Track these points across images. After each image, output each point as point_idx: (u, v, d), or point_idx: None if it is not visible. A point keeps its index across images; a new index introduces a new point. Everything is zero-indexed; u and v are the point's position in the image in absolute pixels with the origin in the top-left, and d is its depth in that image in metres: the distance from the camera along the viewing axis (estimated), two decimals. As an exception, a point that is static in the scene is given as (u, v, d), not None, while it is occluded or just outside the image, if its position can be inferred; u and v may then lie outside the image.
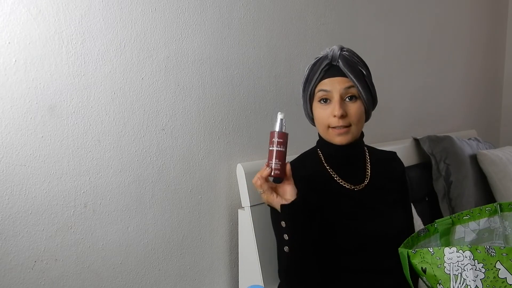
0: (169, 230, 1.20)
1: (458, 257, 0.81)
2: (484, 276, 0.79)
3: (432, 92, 2.21)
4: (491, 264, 0.79)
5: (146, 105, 1.13)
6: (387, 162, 1.15)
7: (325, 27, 1.59)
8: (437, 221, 1.00)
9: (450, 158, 1.84)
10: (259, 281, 1.20)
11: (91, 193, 1.05)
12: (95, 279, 1.07)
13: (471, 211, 1.02)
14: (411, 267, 0.87)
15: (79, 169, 1.03)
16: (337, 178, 1.06)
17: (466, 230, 1.02)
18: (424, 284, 0.90)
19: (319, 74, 1.01)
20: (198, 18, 1.22)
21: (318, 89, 1.02)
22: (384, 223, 1.03)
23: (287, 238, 0.95)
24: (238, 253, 1.32)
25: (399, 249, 0.90)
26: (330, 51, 1.01)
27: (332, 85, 1.00)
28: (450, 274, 0.81)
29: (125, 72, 1.09)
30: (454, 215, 1.02)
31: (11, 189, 0.94)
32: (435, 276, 0.83)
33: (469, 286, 0.79)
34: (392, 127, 1.96)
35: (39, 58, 0.95)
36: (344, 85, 0.99)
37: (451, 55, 2.33)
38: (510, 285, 0.78)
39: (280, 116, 0.91)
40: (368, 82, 1.02)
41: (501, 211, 1.02)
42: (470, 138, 2.13)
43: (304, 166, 1.08)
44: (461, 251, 0.80)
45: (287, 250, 0.95)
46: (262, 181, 0.91)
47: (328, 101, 1.01)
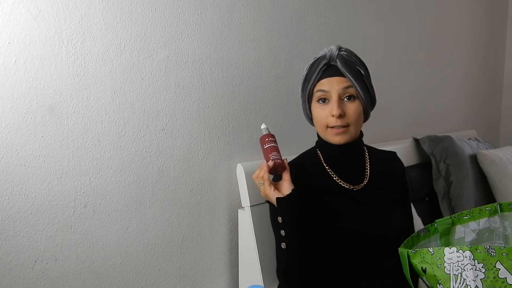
0: (169, 230, 1.20)
1: (458, 257, 0.81)
2: (484, 276, 0.79)
3: (432, 92, 2.21)
4: (491, 264, 0.79)
5: (146, 105, 1.13)
6: (387, 162, 1.15)
7: (325, 27, 1.59)
8: (437, 221, 1.00)
9: (450, 158, 1.84)
10: (259, 281, 1.20)
11: (91, 193, 1.05)
12: (95, 279, 1.07)
13: (471, 211, 1.02)
14: (411, 267, 0.87)
15: (79, 169, 1.03)
16: (336, 178, 1.06)
17: (466, 230, 1.02)
18: (424, 284, 0.90)
19: (317, 74, 1.01)
20: (198, 18, 1.22)
21: (317, 89, 1.02)
22: (384, 223, 1.03)
23: (284, 234, 0.96)
24: (238, 253, 1.32)
25: (399, 249, 0.90)
26: (328, 51, 1.01)
27: (330, 85, 1.00)
28: (450, 274, 0.81)
29: (125, 72, 1.09)
30: (454, 215, 1.02)
31: (11, 189, 0.94)
32: (435, 276, 0.83)
33: (469, 286, 0.79)
34: (392, 127, 1.96)
35: (39, 58, 0.95)
36: (342, 85, 0.99)
37: (451, 55, 2.33)
38: (510, 285, 0.78)
39: (262, 126, 1.05)
40: (366, 81, 1.02)
41: (501, 211, 1.02)
42: (470, 138, 2.13)
43: (303, 166, 1.08)
44: (461, 251, 0.80)
45: (284, 246, 0.96)
46: (266, 170, 0.97)
47: (326, 101, 1.01)
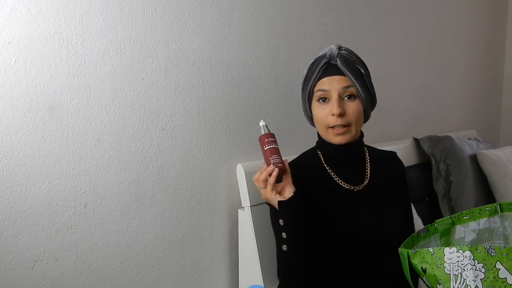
0: (169, 230, 1.20)
1: (458, 257, 0.81)
2: (484, 276, 0.79)
3: (432, 92, 2.21)
4: (491, 264, 0.79)
5: (146, 105, 1.13)
6: (387, 162, 1.15)
7: (325, 27, 1.59)
8: (437, 221, 1.00)
9: (450, 158, 1.84)
10: (259, 281, 1.20)
11: (91, 193, 1.05)
12: (95, 279, 1.07)
13: (471, 211, 1.02)
14: (411, 267, 0.87)
15: (79, 169, 1.03)
16: (336, 178, 1.06)
17: (466, 230, 1.02)
18: (424, 284, 0.90)
19: (318, 73, 1.01)
20: (198, 18, 1.22)
21: (317, 88, 1.02)
22: (384, 223, 1.03)
23: (285, 236, 0.95)
24: (238, 253, 1.32)
25: (399, 249, 0.90)
26: (328, 50, 1.01)
27: (330, 84, 1.00)
28: (450, 274, 0.81)
29: (125, 72, 1.09)
30: (454, 215, 1.02)
31: (11, 189, 0.94)
32: (435, 276, 0.83)
33: (469, 286, 0.79)
34: (392, 127, 1.96)
35: (39, 58, 0.95)
36: (342, 84, 0.99)
37: (451, 55, 2.33)
38: (510, 285, 0.78)
39: (261, 123, 1.02)
40: (366, 81, 1.02)
41: (501, 211, 1.02)
42: (470, 138, 2.13)
43: (303, 167, 1.08)
44: (461, 251, 0.80)
45: (285, 248, 0.96)
46: (265, 175, 0.96)
47: (326, 100, 1.01)
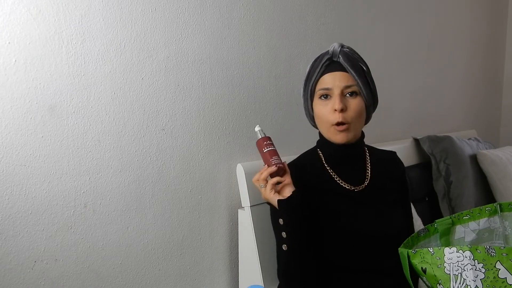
0: (169, 230, 1.20)
1: (458, 257, 0.81)
2: (484, 276, 0.79)
3: (432, 92, 2.21)
4: (491, 264, 0.79)
5: (146, 105, 1.13)
6: (388, 162, 1.15)
7: (325, 27, 1.59)
8: (437, 221, 1.00)
9: (450, 158, 1.84)
10: (259, 281, 1.20)
11: (91, 193, 1.05)
12: (95, 279, 1.07)
13: (471, 211, 1.02)
14: (411, 267, 0.87)
15: (79, 169, 1.03)
16: (337, 178, 1.06)
17: (466, 230, 1.02)
18: (424, 284, 0.90)
19: (320, 69, 1.01)
20: (198, 18, 1.22)
21: (319, 87, 1.02)
22: (384, 223, 1.03)
23: (285, 235, 0.96)
24: (238, 253, 1.32)
25: (399, 249, 0.90)
26: (331, 48, 1.02)
27: (333, 82, 1.00)
28: (450, 274, 0.81)
29: (125, 72, 1.09)
30: (454, 215, 1.02)
31: (11, 189, 0.94)
32: (435, 276, 0.83)
33: (469, 286, 0.79)
34: (392, 127, 1.96)
35: (39, 58, 0.95)
36: (344, 82, 0.99)
37: (451, 55, 2.33)
38: (510, 285, 0.78)
39: (257, 128, 1.05)
40: (368, 78, 1.02)
41: (501, 211, 1.02)
42: (470, 138, 2.13)
43: (303, 167, 1.08)
44: (461, 251, 0.80)
45: (285, 248, 0.96)
46: (266, 174, 0.97)
47: (328, 97, 1.01)
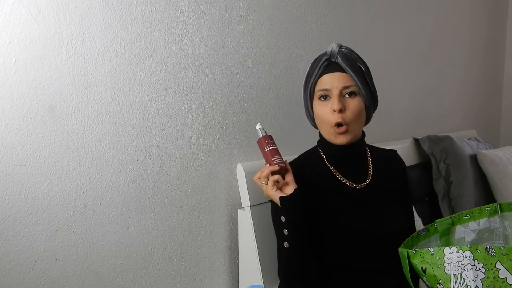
0: (169, 230, 1.20)
1: (458, 257, 0.81)
2: (484, 276, 0.79)
3: (432, 92, 2.21)
4: (491, 264, 0.79)
5: (146, 105, 1.13)
6: (389, 160, 1.15)
7: (325, 27, 1.59)
8: (437, 221, 1.00)
9: (450, 158, 1.84)
10: (259, 281, 1.20)
11: (91, 193, 1.05)
12: (95, 279, 1.07)
13: (471, 211, 1.02)
14: (411, 267, 0.87)
15: (79, 169, 1.03)
16: (339, 176, 1.06)
17: (466, 230, 1.02)
18: (424, 284, 0.90)
19: (319, 70, 1.02)
20: (198, 18, 1.22)
21: (318, 88, 1.02)
22: (385, 223, 1.03)
23: (287, 233, 0.96)
24: (238, 253, 1.32)
25: (399, 249, 0.90)
26: (329, 48, 1.02)
27: (331, 82, 1.00)
28: (450, 274, 0.81)
29: (125, 72, 1.09)
30: (454, 215, 1.02)
31: (11, 189, 0.94)
32: (435, 276, 0.83)
33: (469, 286, 0.79)
34: (392, 127, 1.96)
35: (39, 58, 0.95)
36: (343, 83, 0.99)
37: (451, 55, 2.33)
38: (510, 285, 0.78)
39: (258, 126, 1.04)
40: (367, 78, 1.02)
41: (501, 211, 1.02)
42: (470, 138, 2.13)
43: (304, 166, 1.08)
44: (461, 251, 0.80)
45: (287, 245, 0.96)
46: (268, 171, 0.97)
47: (327, 98, 1.01)
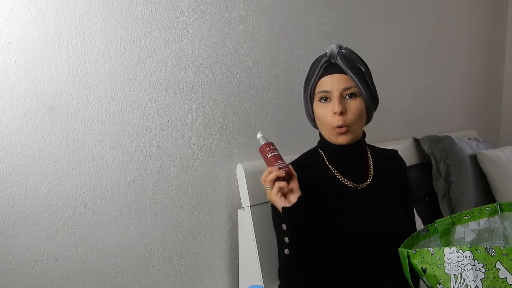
0: (169, 230, 1.20)
1: (458, 257, 0.81)
2: (484, 276, 0.79)
3: (432, 92, 2.21)
4: (491, 264, 0.79)
5: (146, 105, 1.13)
6: (390, 160, 1.15)
7: (325, 27, 1.59)
8: (437, 221, 1.00)
9: (450, 158, 1.84)
10: (259, 281, 1.20)
11: (91, 193, 1.05)
12: (95, 279, 1.07)
13: (471, 211, 1.02)
14: (411, 267, 0.87)
15: (79, 169, 1.03)
16: (339, 176, 1.06)
17: (466, 230, 1.02)
18: (424, 284, 0.90)
19: (318, 72, 1.01)
20: (198, 18, 1.22)
21: (318, 90, 1.02)
22: (385, 223, 1.03)
23: (288, 241, 0.95)
24: (238, 253, 1.32)
25: (399, 249, 0.90)
26: (329, 50, 1.01)
27: (331, 84, 1.00)
28: (450, 274, 0.81)
29: (125, 72, 1.09)
30: (454, 215, 1.02)
31: (11, 189, 0.94)
32: (435, 276, 0.83)
33: (469, 286, 0.79)
34: (392, 127, 1.96)
35: (39, 58, 0.95)
36: (343, 84, 0.99)
37: (451, 55, 2.33)
38: (510, 285, 0.78)
39: (259, 135, 1.04)
40: (367, 79, 1.02)
41: (501, 211, 1.02)
42: (470, 138, 2.13)
43: (304, 166, 1.08)
44: (461, 251, 0.80)
45: (287, 253, 0.95)
46: (274, 176, 0.94)
47: (328, 99, 1.01)
